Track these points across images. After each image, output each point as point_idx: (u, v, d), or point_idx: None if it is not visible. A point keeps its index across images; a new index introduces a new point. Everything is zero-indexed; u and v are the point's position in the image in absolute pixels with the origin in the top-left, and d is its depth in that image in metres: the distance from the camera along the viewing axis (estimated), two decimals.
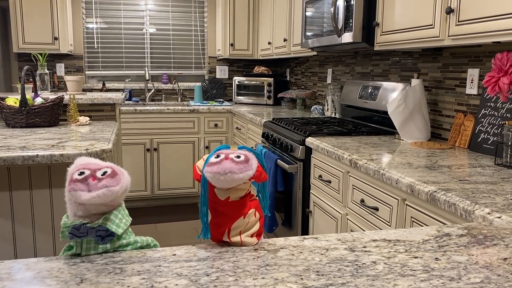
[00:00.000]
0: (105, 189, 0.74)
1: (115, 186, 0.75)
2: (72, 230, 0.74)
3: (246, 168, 0.76)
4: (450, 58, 2.23)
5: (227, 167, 0.75)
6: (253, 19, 4.51)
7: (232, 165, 0.75)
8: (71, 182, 0.74)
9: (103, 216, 0.76)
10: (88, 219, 0.76)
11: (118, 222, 0.77)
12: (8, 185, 1.79)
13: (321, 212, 2.18)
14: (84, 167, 0.77)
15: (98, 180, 0.75)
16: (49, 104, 2.36)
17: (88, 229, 0.75)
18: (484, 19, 1.57)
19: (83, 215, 0.75)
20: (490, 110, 1.89)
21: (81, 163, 0.78)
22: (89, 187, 0.74)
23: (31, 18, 4.02)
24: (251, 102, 4.51)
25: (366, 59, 3.05)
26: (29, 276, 0.68)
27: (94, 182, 0.74)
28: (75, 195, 0.73)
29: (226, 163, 0.75)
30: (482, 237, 0.89)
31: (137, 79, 4.79)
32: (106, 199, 0.74)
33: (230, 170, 0.75)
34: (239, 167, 0.75)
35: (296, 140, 2.39)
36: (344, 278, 0.69)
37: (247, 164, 0.76)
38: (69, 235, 0.75)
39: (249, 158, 0.77)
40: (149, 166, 4.11)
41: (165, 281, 0.67)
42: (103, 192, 0.74)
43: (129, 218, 0.81)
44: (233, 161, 0.75)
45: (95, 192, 0.73)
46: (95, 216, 0.76)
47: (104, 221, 0.75)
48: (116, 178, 0.76)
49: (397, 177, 1.48)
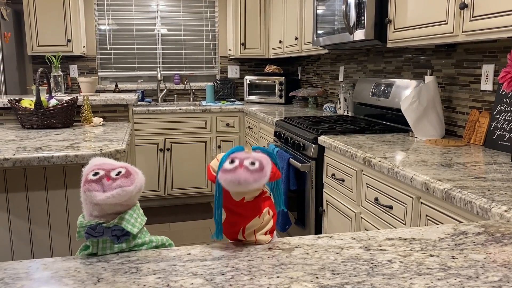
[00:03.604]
0: (120, 189, 0.74)
1: (129, 186, 0.75)
2: (88, 230, 0.75)
3: (261, 177, 0.75)
4: (464, 54, 2.20)
5: (242, 177, 0.74)
6: (264, 18, 4.51)
7: (247, 175, 0.74)
8: (86, 183, 0.75)
9: (119, 216, 0.76)
10: (103, 219, 0.76)
11: (134, 222, 0.77)
12: (24, 186, 1.81)
13: (334, 211, 2.17)
14: (98, 167, 0.77)
15: (112, 180, 0.75)
16: (63, 106, 2.39)
17: (104, 229, 0.75)
18: (499, 14, 1.55)
19: (98, 215, 0.76)
20: (506, 106, 1.86)
21: (96, 163, 0.79)
22: (104, 187, 0.74)
23: (44, 21, 4.07)
24: (262, 101, 4.51)
25: (378, 56, 3.03)
26: (47, 276, 0.69)
27: (109, 182, 0.75)
28: (90, 196, 0.74)
29: (240, 173, 0.74)
30: (500, 235, 0.88)
31: (149, 79, 4.82)
32: (120, 199, 0.75)
33: (246, 180, 0.74)
34: (254, 176, 0.74)
35: (308, 139, 2.38)
36: (359, 277, 0.68)
37: (262, 172, 0.75)
38: (85, 235, 0.75)
39: (263, 166, 0.76)
40: (162, 166, 4.13)
41: (180, 280, 0.67)
42: (118, 192, 0.74)
43: (144, 217, 0.81)
44: (248, 170, 0.74)
45: (110, 192, 0.74)
46: (110, 216, 0.77)
47: (119, 221, 0.76)
48: (130, 178, 0.76)
49: (411, 175, 1.46)
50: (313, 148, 2.31)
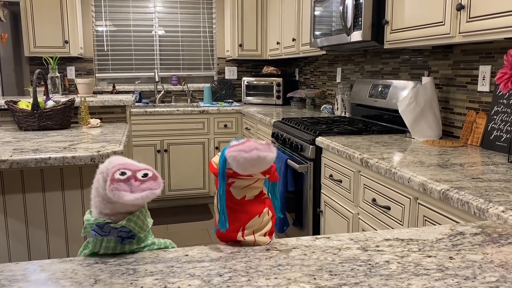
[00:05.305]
0: (149, 191, 0.74)
1: (157, 189, 0.75)
2: (95, 228, 0.75)
3: (270, 149, 0.77)
4: (461, 55, 2.20)
5: (252, 145, 0.75)
6: (262, 20, 4.51)
7: (257, 144, 0.76)
8: (114, 182, 0.74)
9: (127, 217, 0.76)
10: (113, 217, 0.76)
11: (141, 224, 0.77)
12: (21, 188, 1.81)
13: (332, 212, 2.17)
14: (124, 167, 0.76)
15: (140, 181, 0.75)
16: (60, 107, 2.38)
17: (111, 229, 0.75)
18: (496, 15, 1.55)
19: (110, 213, 0.76)
20: (502, 107, 1.87)
21: (119, 162, 0.78)
22: (132, 188, 0.74)
23: (42, 22, 4.06)
24: (260, 103, 4.51)
25: (376, 57, 3.04)
26: (44, 277, 0.69)
27: (137, 184, 0.74)
28: (118, 195, 0.73)
29: (250, 142, 0.76)
30: (497, 236, 0.88)
31: (147, 81, 4.82)
32: (147, 201, 0.75)
33: (256, 147, 0.75)
34: (263, 147, 0.76)
35: (306, 140, 2.38)
36: (357, 278, 0.68)
37: (270, 146, 0.77)
38: (92, 232, 0.75)
39: (270, 143, 0.78)
40: (159, 167, 4.13)
41: (178, 282, 0.67)
42: (147, 194, 0.74)
43: (151, 220, 0.81)
44: (256, 142, 0.77)
45: (139, 194, 0.74)
46: (121, 215, 0.76)
47: (127, 222, 0.76)
48: (158, 181, 0.76)
49: (409, 176, 1.46)
50: (311, 149, 2.31)
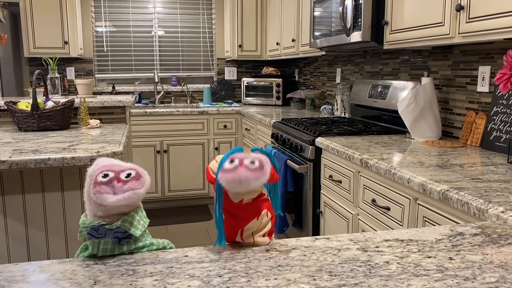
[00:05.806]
0: (131, 192, 0.73)
1: (141, 189, 0.74)
2: (91, 231, 0.74)
3: (261, 175, 0.75)
4: (461, 55, 2.21)
5: (243, 175, 0.74)
6: (261, 20, 4.52)
7: (248, 173, 0.74)
8: (96, 185, 0.73)
9: (122, 218, 0.76)
10: (108, 219, 0.75)
11: (136, 224, 0.77)
12: (21, 188, 1.80)
13: (332, 213, 2.17)
14: (107, 168, 0.76)
15: (123, 182, 0.74)
16: (60, 108, 2.38)
17: (106, 231, 0.75)
18: (495, 15, 1.56)
19: (103, 215, 0.75)
20: (502, 107, 1.87)
21: (104, 164, 0.77)
22: (115, 189, 0.73)
23: (41, 23, 4.06)
24: (260, 103, 4.51)
25: (375, 58, 3.04)
26: (43, 278, 0.69)
27: (119, 185, 0.74)
28: (101, 198, 0.72)
29: (241, 171, 0.74)
30: (497, 236, 0.88)
31: (147, 81, 4.81)
32: (131, 202, 0.74)
33: (246, 178, 0.74)
34: (254, 174, 0.74)
35: (305, 140, 2.38)
36: (357, 279, 0.68)
37: (262, 171, 0.75)
38: (87, 235, 0.75)
39: (263, 164, 0.76)
40: (159, 168, 4.13)
41: (177, 283, 0.67)
42: (129, 195, 0.73)
43: (147, 219, 0.80)
44: (248, 169, 0.74)
45: (121, 195, 0.73)
46: (115, 217, 0.76)
47: (122, 223, 0.75)
48: (141, 181, 0.75)
49: (408, 176, 1.46)
50: (311, 150, 2.31)
